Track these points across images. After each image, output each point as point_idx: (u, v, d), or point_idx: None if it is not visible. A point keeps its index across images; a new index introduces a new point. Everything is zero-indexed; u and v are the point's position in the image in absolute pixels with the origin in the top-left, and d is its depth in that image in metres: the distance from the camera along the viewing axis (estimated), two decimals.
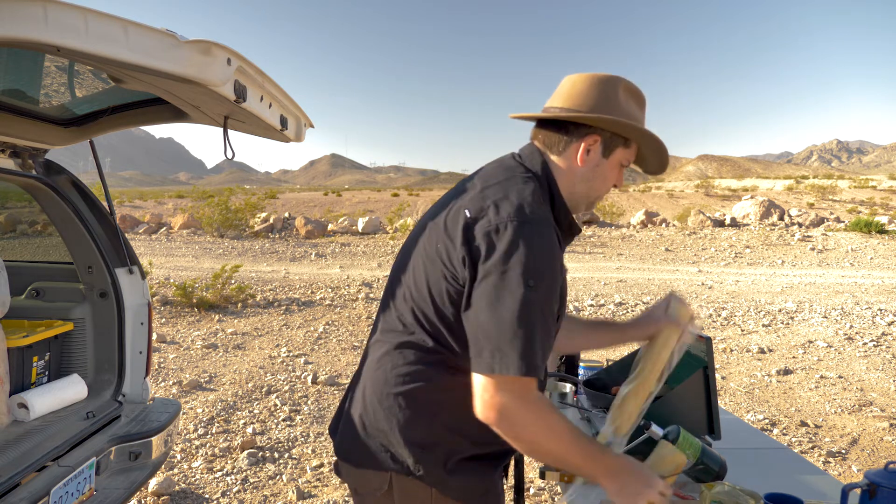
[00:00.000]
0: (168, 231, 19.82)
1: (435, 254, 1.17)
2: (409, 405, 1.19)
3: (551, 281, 1.10)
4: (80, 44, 1.29)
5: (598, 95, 1.22)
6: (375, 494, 1.23)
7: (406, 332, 1.21)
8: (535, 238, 1.09)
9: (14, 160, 2.51)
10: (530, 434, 1.09)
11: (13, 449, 2.04)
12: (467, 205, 1.17)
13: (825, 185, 36.06)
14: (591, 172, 1.26)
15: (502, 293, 1.06)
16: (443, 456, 1.19)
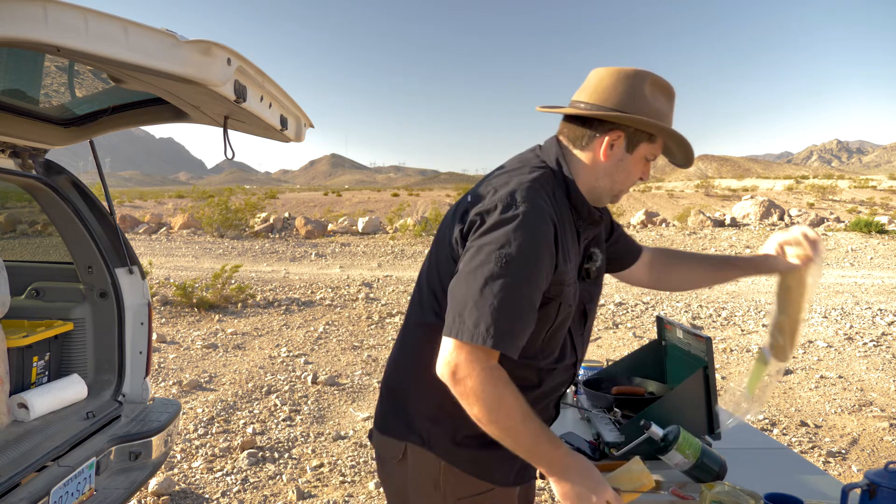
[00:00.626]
0: (168, 231, 19.82)
1: (443, 238, 1.28)
2: (421, 380, 1.26)
3: (525, 264, 1.12)
4: (80, 44, 1.29)
5: (623, 91, 1.23)
6: (392, 462, 1.30)
7: (422, 311, 1.30)
8: (519, 222, 1.12)
9: (14, 160, 2.51)
10: (480, 403, 1.10)
11: (13, 449, 2.04)
12: (472, 192, 1.26)
13: (825, 185, 36.05)
14: (614, 167, 1.27)
15: (476, 266, 1.12)
16: (451, 430, 1.24)
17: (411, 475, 1.27)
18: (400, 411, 1.30)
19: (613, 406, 1.94)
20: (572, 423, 2.06)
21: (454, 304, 1.13)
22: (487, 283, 1.10)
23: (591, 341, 6.73)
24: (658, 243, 17.30)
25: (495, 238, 1.12)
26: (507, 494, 1.31)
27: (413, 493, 1.28)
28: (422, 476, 1.26)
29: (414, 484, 1.27)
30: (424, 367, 1.23)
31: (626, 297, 9.36)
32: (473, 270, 1.12)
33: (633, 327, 7.43)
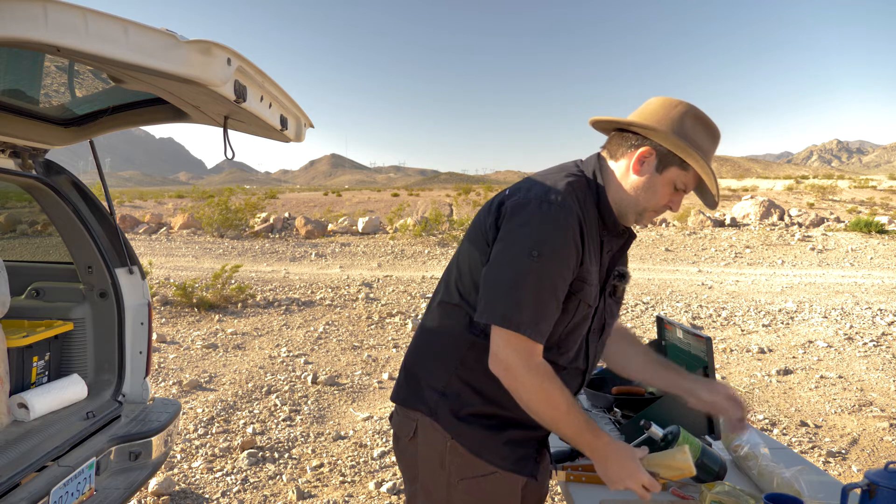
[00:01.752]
0: (168, 231, 19.82)
1: (480, 225, 1.35)
2: (434, 354, 1.37)
3: (554, 259, 1.22)
4: (80, 44, 1.29)
5: (665, 115, 1.30)
6: (405, 439, 1.40)
7: (448, 291, 1.39)
8: (549, 217, 1.22)
9: (14, 160, 2.51)
10: (527, 394, 1.24)
11: (13, 449, 2.04)
12: (512, 187, 1.36)
13: (825, 185, 36.03)
14: (641, 183, 1.32)
15: (509, 257, 1.23)
16: (456, 404, 1.33)
17: (421, 452, 1.35)
18: (412, 382, 1.39)
19: (613, 406, 1.94)
20: None
21: (487, 290, 1.24)
22: (518, 273, 1.20)
23: None
24: (658, 243, 17.30)
25: (528, 232, 1.22)
26: (509, 481, 1.33)
27: (422, 470, 1.36)
28: (430, 454, 1.34)
29: (423, 461, 1.35)
30: (440, 341, 1.36)
31: (626, 297, 9.36)
32: (507, 260, 1.22)
33: (633, 327, 7.43)
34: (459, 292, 1.35)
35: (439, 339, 1.37)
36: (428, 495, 1.35)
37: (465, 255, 1.37)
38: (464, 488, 1.31)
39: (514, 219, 1.24)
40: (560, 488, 1.89)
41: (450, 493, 1.32)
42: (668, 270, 13.04)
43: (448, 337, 1.35)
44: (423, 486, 1.36)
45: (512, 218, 1.25)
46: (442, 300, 1.39)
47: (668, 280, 11.50)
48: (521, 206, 1.25)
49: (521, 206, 1.25)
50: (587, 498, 1.51)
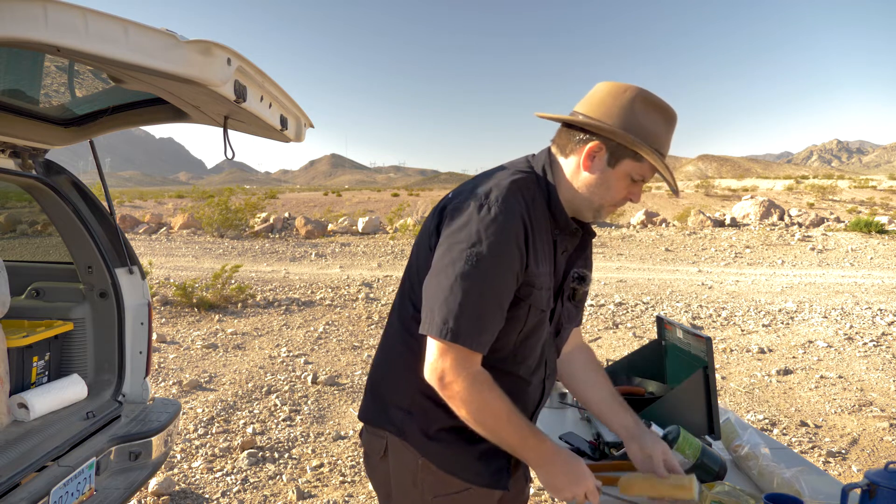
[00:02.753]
0: (168, 231, 19.82)
1: (425, 232, 1.29)
2: (396, 371, 1.30)
3: (495, 264, 1.14)
4: (80, 44, 1.29)
5: (613, 104, 1.21)
6: (376, 457, 1.33)
7: (401, 304, 1.32)
8: (488, 220, 1.14)
9: (14, 160, 2.51)
10: (464, 405, 1.16)
11: (13, 449, 2.04)
12: (456, 189, 1.29)
13: (825, 185, 36.04)
14: (593, 180, 1.24)
15: (448, 263, 1.15)
16: (423, 422, 1.26)
17: (393, 471, 1.29)
18: (378, 401, 1.32)
19: None
20: (572, 423, 2.07)
21: (427, 300, 1.17)
22: (457, 280, 1.13)
23: (592, 341, 6.73)
24: (658, 243, 17.30)
25: (467, 235, 1.14)
26: (484, 496, 1.28)
27: (395, 488, 1.30)
28: (402, 472, 1.28)
29: (396, 479, 1.29)
30: (399, 356, 1.29)
31: (626, 298, 9.36)
32: (445, 267, 1.15)
33: (633, 327, 7.43)
34: (413, 304, 1.26)
35: (399, 354, 1.29)
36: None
37: (413, 265, 1.30)
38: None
39: (453, 223, 1.17)
40: None
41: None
42: (668, 270, 13.04)
43: (408, 352, 1.25)
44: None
45: (451, 222, 1.17)
46: (400, 314, 1.31)
47: (668, 280, 11.50)
48: (459, 210, 1.17)
49: (460, 210, 1.17)
50: None
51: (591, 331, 7.24)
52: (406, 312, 1.29)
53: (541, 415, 2.17)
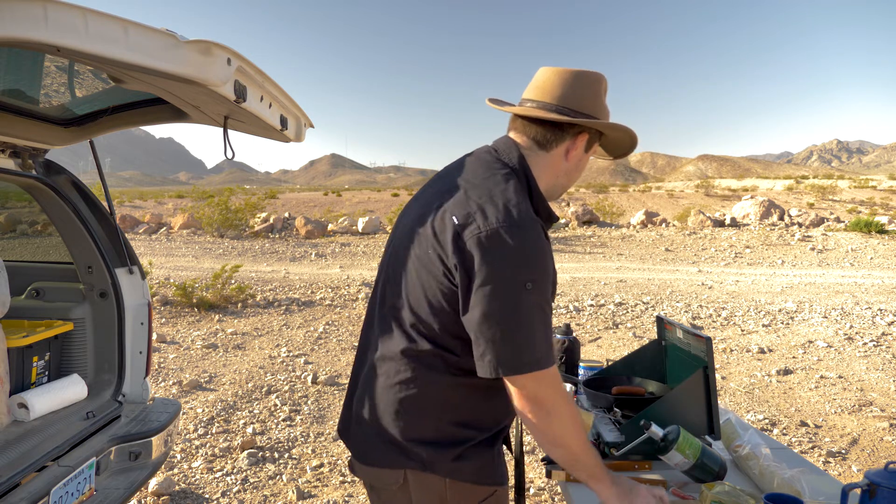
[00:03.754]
0: (168, 231, 19.82)
1: (428, 261, 1.19)
2: (416, 408, 1.23)
3: (545, 277, 1.14)
4: (80, 44, 1.29)
5: (584, 94, 1.27)
6: (391, 488, 1.28)
7: (406, 338, 1.23)
8: (525, 240, 1.12)
9: (14, 160, 2.51)
10: (561, 426, 1.18)
11: (13, 449, 2.04)
12: (453, 210, 1.18)
13: (825, 185, 36.06)
14: (573, 166, 1.32)
15: (501, 299, 1.10)
16: (452, 449, 1.23)
17: (415, 497, 1.26)
18: (391, 441, 1.25)
19: (613, 406, 1.94)
20: None
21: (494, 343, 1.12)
22: (522, 313, 1.11)
23: (592, 341, 6.73)
24: (658, 243, 17.30)
25: (511, 264, 1.11)
26: (503, 493, 1.32)
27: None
28: (426, 496, 1.25)
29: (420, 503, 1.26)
30: (417, 394, 1.22)
31: (626, 298, 9.36)
32: (500, 304, 1.10)
33: (633, 327, 7.43)
34: (426, 337, 1.21)
35: (415, 391, 1.23)
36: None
37: (417, 293, 1.21)
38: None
39: (489, 256, 1.10)
40: (560, 488, 1.89)
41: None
42: (668, 270, 13.04)
43: (426, 386, 1.22)
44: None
45: (486, 256, 1.10)
46: (408, 348, 1.23)
47: (668, 280, 11.50)
48: (490, 240, 1.11)
49: (491, 240, 1.11)
50: (587, 498, 1.51)
51: (591, 331, 7.24)
52: (418, 346, 1.22)
53: None
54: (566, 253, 15.73)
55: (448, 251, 1.15)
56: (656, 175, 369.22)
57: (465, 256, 1.13)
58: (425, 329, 1.21)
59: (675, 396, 1.73)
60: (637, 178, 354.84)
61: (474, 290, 1.12)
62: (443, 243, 1.16)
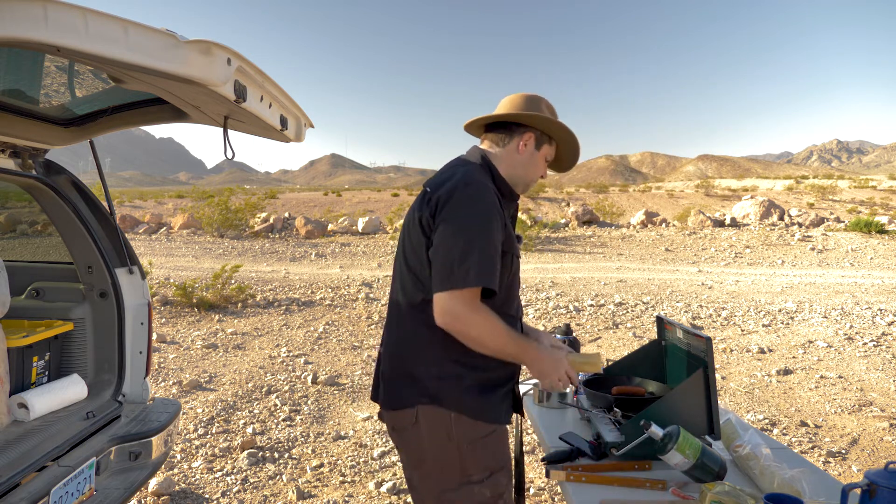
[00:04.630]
0: (168, 231, 19.82)
1: (413, 228, 1.56)
2: (425, 348, 1.54)
3: (488, 221, 1.47)
4: (80, 44, 1.29)
5: (528, 107, 1.67)
6: (407, 428, 1.55)
7: (411, 294, 1.55)
8: (476, 193, 1.49)
9: (14, 160, 2.51)
10: (476, 330, 1.45)
11: (13, 449, 2.04)
12: (429, 185, 1.58)
13: (825, 185, 36.05)
14: (527, 160, 1.69)
15: (454, 231, 1.45)
16: (456, 383, 1.52)
17: (425, 434, 1.51)
18: (408, 382, 1.54)
19: (613, 406, 1.94)
20: (572, 423, 2.06)
21: (443, 263, 1.44)
22: (466, 241, 1.43)
23: (592, 341, 6.73)
24: (658, 243, 17.30)
25: (462, 207, 1.47)
26: (504, 433, 1.59)
27: (429, 448, 1.52)
28: (435, 431, 1.50)
29: (429, 440, 1.51)
30: (426, 337, 1.53)
31: (626, 298, 9.36)
32: (452, 234, 1.44)
33: (633, 327, 7.43)
34: (422, 290, 1.53)
35: (421, 335, 1.54)
36: (442, 470, 1.51)
37: (412, 257, 1.56)
38: (472, 450, 1.50)
39: (449, 203, 1.47)
40: (560, 488, 1.89)
41: (462, 460, 1.50)
42: (668, 270, 13.04)
43: (428, 330, 1.51)
44: (436, 463, 1.51)
45: (447, 203, 1.48)
46: (410, 303, 1.56)
47: (668, 280, 11.50)
48: (450, 193, 1.49)
49: (451, 192, 1.49)
50: (587, 498, 1.51)
51: (591, 331, 7.24)
52: (417, 297, 1.54)
53: (542, 415, 2.17)
54: (566, 253, 15.73)
55: (424, 212, 1.52)
56: (656, 175, 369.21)
57: (432, 209, 1.50)
58: (421, 283, 1.53)
59: (675, 396, 1.74)
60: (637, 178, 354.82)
61: (436, 228, 1.48)
62: (420, 209, 1.54)
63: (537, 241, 17.21)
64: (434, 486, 1.52)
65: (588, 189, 40.91)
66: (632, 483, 1.56)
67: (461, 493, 1.49)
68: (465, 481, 1.49)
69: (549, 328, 7.27)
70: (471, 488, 1.49)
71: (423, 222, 1.52)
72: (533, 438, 3.98)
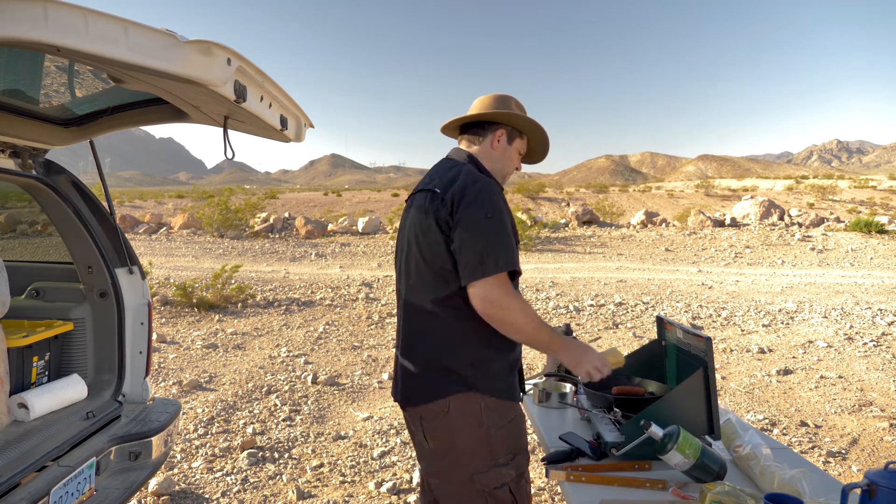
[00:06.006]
0: (168, 231, 19.82)
1: (427, 228, 1.64)
2: (458, 339, 1.62)
3: (503, 212, 1.61)
4: (80, 44, 1.29)
5: (499, 105, 1.82)
6: (439, 418, 1.62)
7: (435, 289, 1.63)
8: (485, 188, 1.61)
9: (14, 160, 2.51)
10: (514, 315, 1.55)
11: (13, 449, 2.04)
12: (436, 187, 1.67)
13: (825, 185, 36.06)
14: (501, 154, 1.84)
15: (477, 225, 1.56)
16: (488, 368, 1.63)
17: (456, 422, 1.60)
18: (442, 373, 1.62)
19: (613, 406, 1.94)
20: (572, 423, 2.06)
21: (472, 256, 1.54)
22: (489, 232, 1.55)
23: (592, 341, 6.73)
24: (658, 243, 17.30)
25: (478, 203, 1.58)
26: (522, 419, 1.70)
27: (459, 436, 1.61)
28: (466, 419, 1.60)
29: (460, 429, 1.60)
30: (456, 328, 1.62)
31: (626, 298, 9.36)
32: (475, 228, 1.55)
33: (633, 327, 7.43)
34: (446, 282, 1.62)
35: (452, 326, 1.62)
36: (473, 454, 1.61)
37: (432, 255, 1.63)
38: (501, 435, 1.61)
39: (464, 200, 1.59)
40: (560, 488, 1.89)
41: (490, 444, 1.60)
42: (668, 270, 13.05)
43: (457, 321, 1.61)
44: (466, 449, 1.61)
45: (462, 201, 1.59)
46: (435, 299, 1.64)
47: (668, 280, 11.50)
48: (463, 191, 1.60)
49: (463, 190, 1.60)
50: (587, 498, 1.51)
51: (592, 331, 7.24)
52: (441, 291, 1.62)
53: (542, 415, 2.17)
54: (566, 253, 15.73)
55: (441, 212, 1.61)
56: (656, 175, 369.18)
57: (450, 207, 1.60)
58: (445, 279, 1.61)
59: (675, 396, 1.74)
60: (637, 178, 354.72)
61: (455, 225, 1.58)
62: (433, 210, 1.63)
63: (537, 241, 17.20)
64: (464, 471, 1.62)
65: (588, 189, 40.91)
66: (632, 483, 1.56)
67: (490, 475, 1.61)
68: (493, 464, 1.61)
69: None
70: (499, 470, 1.61)
71: (441, 221, 1.61)
72: (533, 438, 3.98)
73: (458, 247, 1.56)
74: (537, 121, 1.84)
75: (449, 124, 1.90)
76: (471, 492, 1.62)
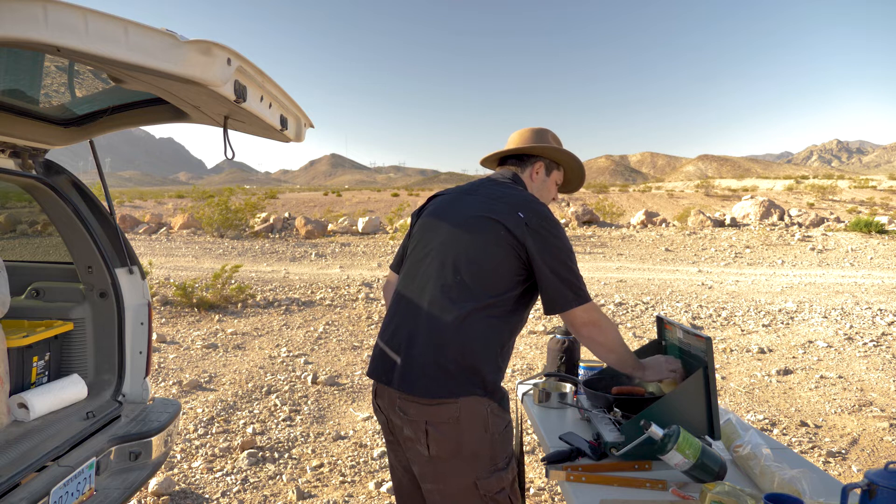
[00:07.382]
0: (168, 231, 19.82)
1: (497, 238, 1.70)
2: (489, 348, 1.68)
3: (568, 240, 1.74)
4: (80, 44, 1.29)
5: (538, 139, 1.95)
6: (448, 423, 1.62)
7: (478, 296, 1.67)
8: (556, 222, 1.74)
9: (14, 160, 2.51)
10: (607, 337, 1.71)
11: (13, 449, 2.04)
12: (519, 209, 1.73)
13: (825, 185, 36.07)
14: (540, 185, 1.95)
15: (562, 257, 1.69)
16: (499, 376, 1.70)
17: (465, 427, 1.61)
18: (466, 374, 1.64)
19: (613, 406, 1.94)
20: (572, 423, 2.06)
21: (566, 284, 1.67)
22: (572, 266, 1.69)
23: None
24: (658, 243, 17.30)
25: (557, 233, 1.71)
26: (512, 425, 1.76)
27: (467, 441, 1.62)
28: (474, 424, 1.62)
29: (468, 433, 1.62)
30: (488, 335, 1.68)
31: (626, 298, 9.36)
32: (563, 259, 1.68)
33: (633, 327, 7.43)
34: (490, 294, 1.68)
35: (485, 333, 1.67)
36: (475, 459, 1.63)
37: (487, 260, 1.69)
38: (500, 440, 1.66)
39: (543, 229, 1.69)
40: (560, 488, 1.89)
41: (493, 450, 1.64)
42: (668, 270, 13.04)
43: (490, 329, 1.68)
44: (471, 454, 1.63)
45: (541, 229, 1.69)
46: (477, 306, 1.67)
47: (668, 280, 11.50)
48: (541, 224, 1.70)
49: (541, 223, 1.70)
50: (587, 498, 1.51)
51: None
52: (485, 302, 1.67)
53: (542, 415, 2.17)
54: None
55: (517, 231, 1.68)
56: (656, 175, 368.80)
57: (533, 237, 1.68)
58: (486, 287, 1.68)
59: (675, 396, 1.73)
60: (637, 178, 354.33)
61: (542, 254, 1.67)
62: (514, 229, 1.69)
63: None
64: (467, 476, 1.65)
65: (588, 189, 40.90)
66: (632, 483, 1.56)
67: (492, 480, 1.65)
68: (494, 469, 1.65)
69: (549, 328, 7.27)
70: (499, 474, 1.66)
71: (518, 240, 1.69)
72: (533, 438, 3.98)
73: (551, 276, 1.67)
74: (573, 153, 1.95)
75: (489, 157, 2.02)
76: (473, 497, 1.64)
